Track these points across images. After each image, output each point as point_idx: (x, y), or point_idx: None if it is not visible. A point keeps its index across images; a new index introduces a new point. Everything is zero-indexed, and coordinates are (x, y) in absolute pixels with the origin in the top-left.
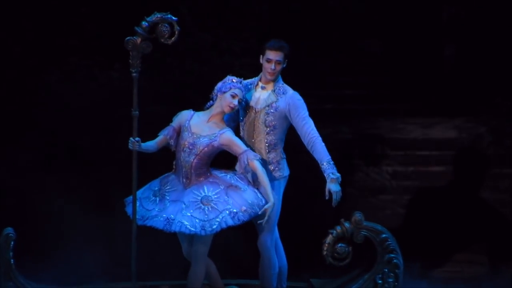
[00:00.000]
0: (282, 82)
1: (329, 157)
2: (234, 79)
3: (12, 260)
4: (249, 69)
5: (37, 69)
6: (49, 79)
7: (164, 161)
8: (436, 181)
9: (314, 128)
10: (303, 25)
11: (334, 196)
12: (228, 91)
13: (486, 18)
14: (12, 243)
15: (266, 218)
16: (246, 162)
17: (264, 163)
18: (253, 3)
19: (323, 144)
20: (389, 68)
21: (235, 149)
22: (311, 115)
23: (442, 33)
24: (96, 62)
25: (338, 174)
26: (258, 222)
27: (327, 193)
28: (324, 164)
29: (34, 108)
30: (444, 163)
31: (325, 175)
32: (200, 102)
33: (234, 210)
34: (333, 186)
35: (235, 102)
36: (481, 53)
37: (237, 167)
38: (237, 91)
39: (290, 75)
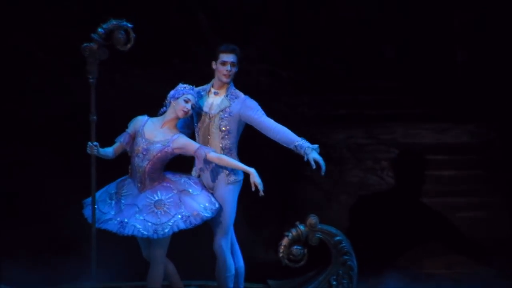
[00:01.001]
0: (234, 88)
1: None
2: (187, 86)
3: None
4: (266, 74)
5: (60, 74)
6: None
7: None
8: (447, 185)
9: (275, 123)
10: (318, 31)
11: (321, 163)
12: (181, 97)
13: (498, 24)
14: None
15: (256, 188)
16: (204, 155)
17: (219, 167)
18: (269, 9)
19: (288, 130)
20: (403, 74)
21: (190, 148)
22: (326, 120)
23: (455, 39)
24: (117, 67)
25: (316, 145)
26: (213, 221)
27: (313, 163)
28: (297, 142)
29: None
30: (456, 167)
31: (302, 151)
32: None
33: (186, 214)
34: (316, 155)
35: (188, 106)
36: (493, 59)
37: (193, 171)
38: (189, 96)
39: (305, 80)
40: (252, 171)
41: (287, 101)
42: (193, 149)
